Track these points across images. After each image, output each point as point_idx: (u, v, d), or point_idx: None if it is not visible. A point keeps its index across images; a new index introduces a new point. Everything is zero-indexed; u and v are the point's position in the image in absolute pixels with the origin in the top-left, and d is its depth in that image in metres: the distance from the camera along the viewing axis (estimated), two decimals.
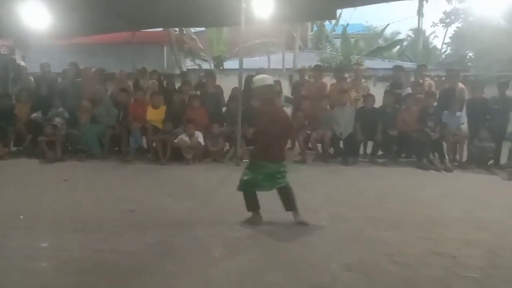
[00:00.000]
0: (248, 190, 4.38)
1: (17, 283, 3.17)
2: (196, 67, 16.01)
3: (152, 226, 4.33)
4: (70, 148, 8.27)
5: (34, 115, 8.10)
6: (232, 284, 3.18)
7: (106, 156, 7.81)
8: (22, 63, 10.13)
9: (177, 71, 14.48)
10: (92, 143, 7.85)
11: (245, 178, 4.38)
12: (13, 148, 8.26)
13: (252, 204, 4.42)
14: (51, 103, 8.14)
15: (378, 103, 8.01)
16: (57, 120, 7.97)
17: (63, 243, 3.88)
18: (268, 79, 4.48)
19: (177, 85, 9.22)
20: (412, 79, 8.63)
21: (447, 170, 7.11)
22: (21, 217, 4.57)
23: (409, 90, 8.14)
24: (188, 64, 17.02)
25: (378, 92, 8.40)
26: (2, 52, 10.01)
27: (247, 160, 4.58)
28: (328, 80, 9.18)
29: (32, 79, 9.16)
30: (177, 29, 15.19)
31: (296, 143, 8.24)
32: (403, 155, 7.94)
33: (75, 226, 4.30)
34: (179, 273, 3.34)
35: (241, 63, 7.92)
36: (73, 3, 7.97)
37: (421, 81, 8.34)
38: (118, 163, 7.51)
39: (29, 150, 7.96)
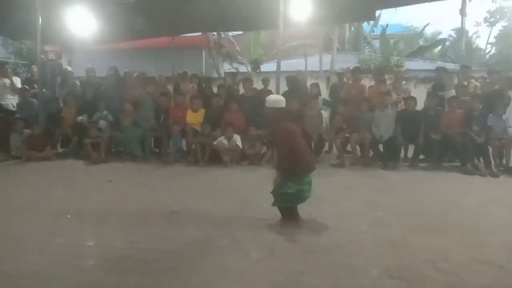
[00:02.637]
0: (293, 203, 4.39)
1: (64, 280, 3.30)
2: (234, 70, 16.18)
3: (192, 227, 4.41)
4: (113, 150, 8.54)
5: (80, 118, 8.41)
6: (269, 286, 3.20)
7: (147, 158, 8.02)
8: (69, 68, 10.55)
9: (215, 75, 14.71)
10: (134, 146, 8.08)
11: (290, 191, 4.30)
12: (60, 150, 8.62)
13: (289, 216, 4.45)
14: (96, 106, 8.44)
15: (420, 105, 7.81)
16: (102, 123, 8.25)
17: (108, 241, 4.03)
18: (281, 102, 4.55)
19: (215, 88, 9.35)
20: (456, 80, 8.36)
21: (493, 175, 6.83)
22: (68, 216, 4.77)
23: (452, 92, 7.89)
24: (225, 67, 17.24)
25: (419, 94, 8.18)
26: (50, 57, 10.46)
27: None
28: (367, 82, 9.04)
29: (78, 83, 9.53)
30: (215, 33, 15.42)
31: (334, 146, 8.15)
32: (446, 159, 7.69)
33: (119, 226, 4.45)
34: (218, 274, 3.38)
35: (278, 66, 7.95)
36: (116, 10, 8.28)
37: (465, 83, 8.05)
38: (159, 165, 7.70)
39: (75, 152, 8.29)
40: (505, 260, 3.60)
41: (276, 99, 4.60)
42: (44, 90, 9.18)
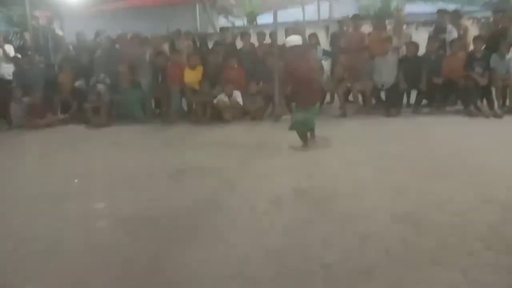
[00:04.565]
0: (302, 127, 5.37)
1: (75, 242, 3.39)
2: (230, 24, 15.82)
3: (198, 185, 4.46)
4: (115, 113, 8.47)
5: (77, 83, 8.30)
6: (279, 236, 3.26)
7: (149, 119, 7.98)
8: (61, 33, 10.31)
9: (211, 30, 14.39)
10: (135, 107, 8.01)
11: (298, 119, 5.31)
12: (60, 116, 8.57)
13: (304, 137, 5.48)
14: (92, 70, 8.30)
15: (422, 50, 7.64)
16: (100, 86, 8.14)
17: (116, 203, 4.09)
18: (297, 40, 5.51)
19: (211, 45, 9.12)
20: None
21: (496, 116, 6.77)
22: (76, 180, 4.82)
23: (455, 35, 7.68)
24: (221, 21, 16.86)
25: (421, 39, 7.98)
26: (41, 23, 10.18)
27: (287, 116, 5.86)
28: (367, 29, 8.80)
29: (71, 48, 9.33)
30: None
31: (336, 97, 8.07)
32: (449, 103, 7.61)
33: (126, 186, 4.51)
34: (228, 227, 3.45)
35: (275, 17, 7.74)
36: None
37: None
38: (161, 125, 7.67)
39: (76, 117, 8.24)
40: (508, 199, 3.64)
41: (294, 38, 5.54)
42: (38, 56, 9.00)
